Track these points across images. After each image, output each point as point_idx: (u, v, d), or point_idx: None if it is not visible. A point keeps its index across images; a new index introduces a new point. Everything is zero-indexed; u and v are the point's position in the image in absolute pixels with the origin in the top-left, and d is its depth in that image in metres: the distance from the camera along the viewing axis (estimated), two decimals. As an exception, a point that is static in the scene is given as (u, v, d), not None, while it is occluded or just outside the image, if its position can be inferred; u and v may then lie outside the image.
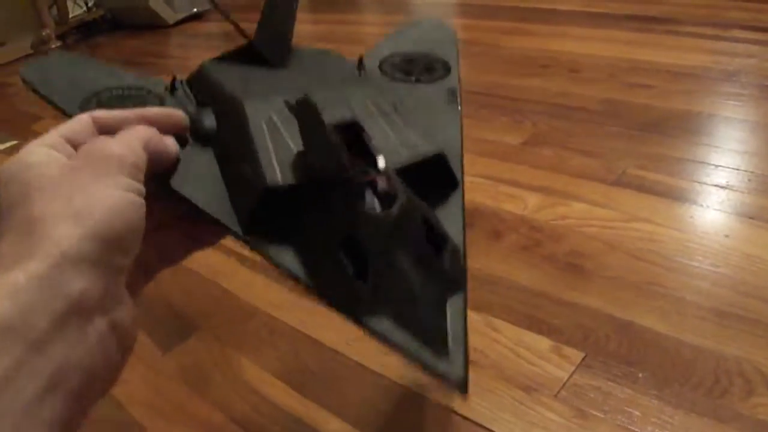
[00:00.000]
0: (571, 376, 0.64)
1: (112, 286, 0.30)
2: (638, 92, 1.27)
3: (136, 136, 0.35)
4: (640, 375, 0.63)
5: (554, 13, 1.91)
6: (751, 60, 1.36)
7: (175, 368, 0.74)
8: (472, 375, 0.30)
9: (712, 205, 0.88)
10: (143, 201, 0.32)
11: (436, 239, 0.34)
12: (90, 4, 2.86)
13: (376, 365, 0.68)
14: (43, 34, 2.32)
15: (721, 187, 0.92)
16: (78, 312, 0.28)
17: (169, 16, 2.62)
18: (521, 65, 1.50)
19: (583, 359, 0.65)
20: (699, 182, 0.94)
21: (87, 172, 0.31)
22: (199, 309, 0.83)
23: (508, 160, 1.07)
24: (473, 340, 0.70)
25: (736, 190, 0.90)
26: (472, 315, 0.74)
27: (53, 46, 2.32)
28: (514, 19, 1.90)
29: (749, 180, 0.92)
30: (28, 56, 2.48)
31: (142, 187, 0.33)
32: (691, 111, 1.16)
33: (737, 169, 0.95)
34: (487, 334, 0.71)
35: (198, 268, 0.91)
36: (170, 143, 0.39)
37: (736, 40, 1.49)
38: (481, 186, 1.00)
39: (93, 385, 0.29)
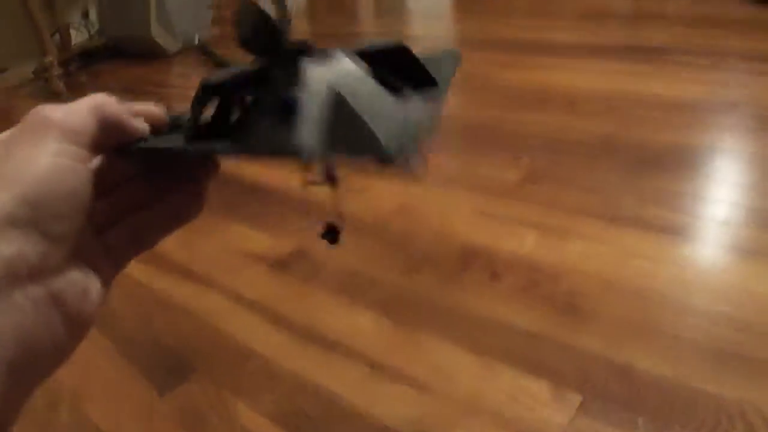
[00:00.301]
0: (570, 421, 0.63)
1: (50, 255, 0.29)
2: (636, 126, 1.27)
3: (85, 103, 0.33)
4: (640, 420, 0.62)
5: (552, 46, 1.92)
6: (748, 90, 1.37)
7: (170, 411, 0.74)
8: (472, 420, 0.30)
9: (711, 240, 0.88)
10: (82, 167, 0.31)
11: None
12: (92, 32, 2.90)
13: (371, 411, 0.68)
14: (46, 61, 2.35)
15: (720, 222, 0.91)
16: (6, 276, 0.27)
17: (171, 45, 2.65)
18: (520, 99, 1.51)
19: (582, 403, 0.65)
20: (697, 217, 0.93)
21: (23, 138, 0.31)
22: (196, 351, 0.83)
23: (506, 196, 1.07)
24: (472, 384, 0.70)
25: (735, 225, 0.90)
26: (471, 357, 0.74)
27: (55, 73, 2.35)
28: (513, 51, 1.91)
29: (748, 214, 0.92)
30: (30, 82, 2.51)
31: (81, 152, 0.31)
32: (689, 144, 1.16)
33: (736, 203, 0.95)
34: (486, 378, 0.70)
35: (195, 309, 0.91)
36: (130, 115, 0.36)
37: (734, 70, 1.49)
38: (479, 224, 1.00)
39: (33, 361, 0.28)
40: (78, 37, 2.85)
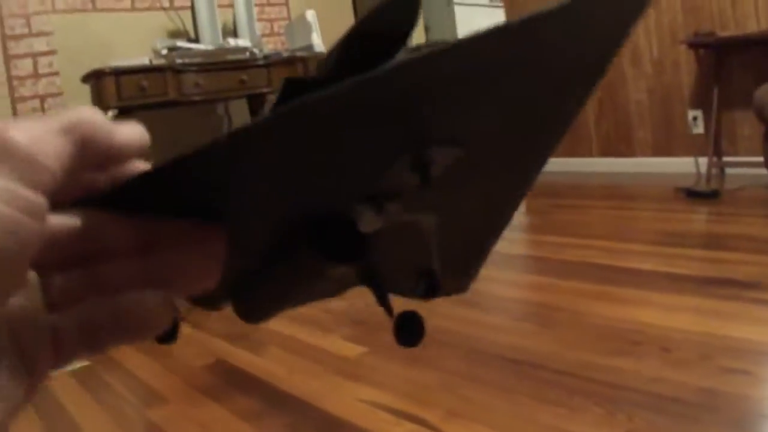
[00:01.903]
0: None
1: None
2: (734, 379, 1.24)
3: (59, 121, 0.23)
4: None
5: (635, 274, 1.94)
6: None
7: None
8: None
9: None
10: (30, 225, 0.21)
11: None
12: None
13: None
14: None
15: None
16: None
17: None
18: (610, 340, 1.51)
19: None
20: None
21: None
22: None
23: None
24: None
25: None
26: None
27: None
28: (595, 279, 1.94)
29: None
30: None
31: (37, 201, 0.21)
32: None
33: None
34: None
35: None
36: (116, 127, 0.25)
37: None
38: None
39: None
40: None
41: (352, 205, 0.27)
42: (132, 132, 0.25)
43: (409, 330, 0.36)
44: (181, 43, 3.13)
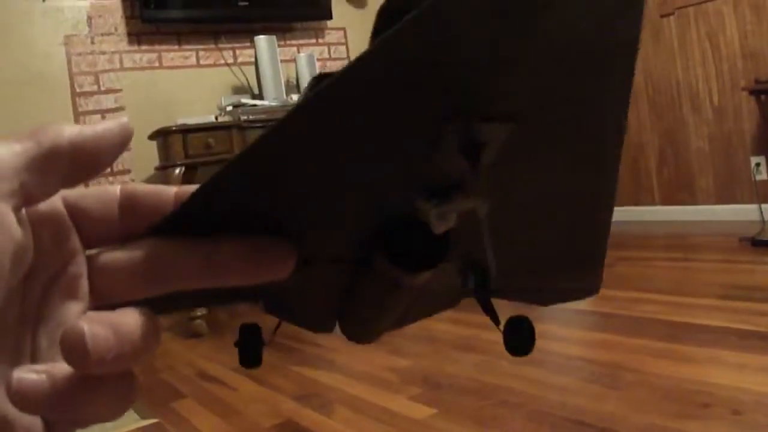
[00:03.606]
0: None
1: None
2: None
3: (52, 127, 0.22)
4: None
5: (702, 330, 1.92)
6: None
7: None
8: None
9: None
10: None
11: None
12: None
13: None
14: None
15: None
16: None
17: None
18: (679, 402, 1.50)
19: None
20: None
21: None
22: None
23: None
24: None
25: None
26: None
27: (199, 313, 2.62)
28: (662, 336, 1.92)
29: None
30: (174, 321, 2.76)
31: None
32: None
33: None
34: None
35: None
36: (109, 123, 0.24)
37: None
38: None
39: None
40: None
41: (414, 203, 0.25)
42: (107, 124, 0.23)
43: (519, 336, 0.34)
44: (246, 100, 3.25)
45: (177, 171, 2.83)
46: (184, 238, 0.23)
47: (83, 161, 0.22)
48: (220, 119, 3.01)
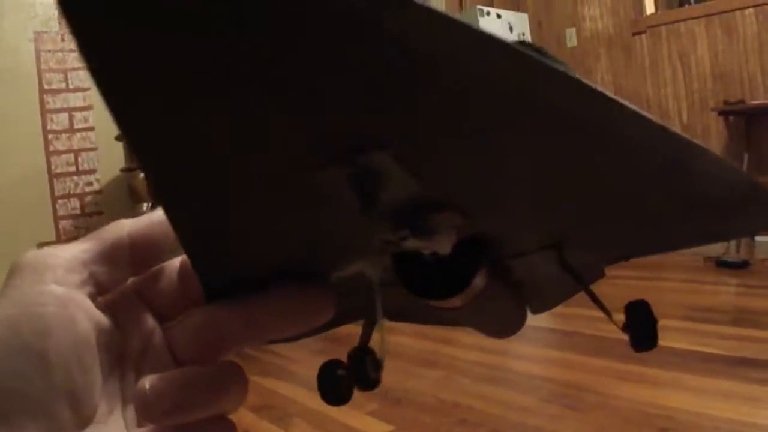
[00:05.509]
0: None
1: None
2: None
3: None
4: None
5: (667, 352, 1.91)
6: None
7: None
8: None
9: None
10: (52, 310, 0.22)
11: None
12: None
13: None
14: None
15: None
16: None
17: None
18: (638, 426, 1.49)
19: None
20: None
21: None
22: None
23: None
24: None
25: None
26: None
27: None
28: (625, 357, 1.91)
29: None
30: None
31: (59, 291, 0.22)
32: None
33: None
34: None
35: None
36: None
37: None
38: None
39: None
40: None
41: (389, 241, 0.22)
42: (159, 212, 0.24)
43: (641, 326, 0.30)
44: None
45: (142, 173, 2.77)
46: (230, 303, 0.24)
47: (143, 248, 0.25)
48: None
